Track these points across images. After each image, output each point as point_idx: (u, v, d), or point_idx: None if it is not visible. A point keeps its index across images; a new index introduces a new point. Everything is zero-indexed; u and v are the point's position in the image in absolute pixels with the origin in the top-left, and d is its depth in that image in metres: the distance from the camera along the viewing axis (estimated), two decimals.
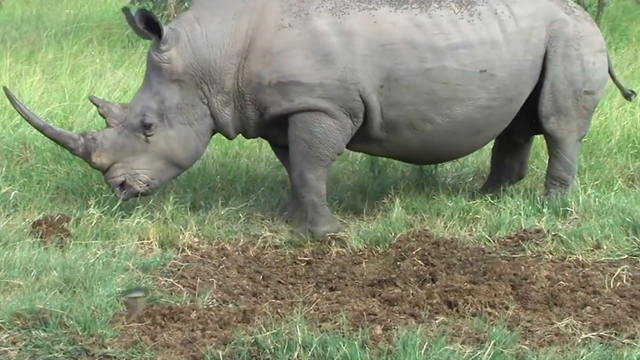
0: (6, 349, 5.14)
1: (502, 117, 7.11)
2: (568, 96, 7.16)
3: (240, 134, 7.12)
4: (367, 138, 6.97)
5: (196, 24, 6.82)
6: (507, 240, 6.74)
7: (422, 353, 4.87)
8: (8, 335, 5.24)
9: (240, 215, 7.12)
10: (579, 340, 5.23)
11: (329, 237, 6.77)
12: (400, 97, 6.81)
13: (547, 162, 7.59)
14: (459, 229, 6.97)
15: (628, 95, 7.67)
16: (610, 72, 7.48)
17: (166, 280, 6.03)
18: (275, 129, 6.94)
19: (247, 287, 6.05)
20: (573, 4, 7.41)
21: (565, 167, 7.33)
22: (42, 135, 8.47)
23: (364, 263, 6.49)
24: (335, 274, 6.26)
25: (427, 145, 7.04)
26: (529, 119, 7.27)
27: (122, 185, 6.88)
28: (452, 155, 7.47)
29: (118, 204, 6.88)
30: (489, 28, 6.93)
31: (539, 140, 8.13)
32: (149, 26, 6.68)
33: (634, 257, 6.44)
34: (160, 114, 6.79)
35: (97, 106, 6.90)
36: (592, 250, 6.52)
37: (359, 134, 6.93)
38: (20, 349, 5.13)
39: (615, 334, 5.31)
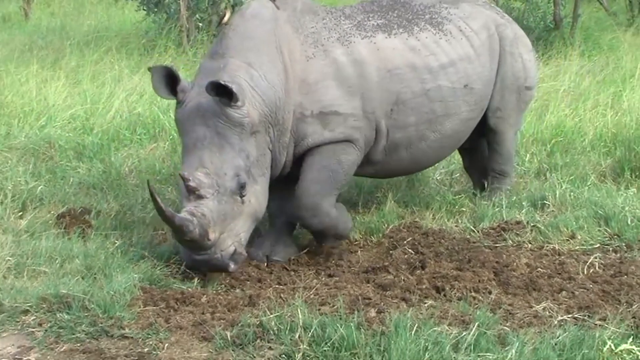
0: (33, 330, 5.14)
1: (474, 125, 7.04)
2: (513, 92, 7.11)
3: None
4: (366, 162, 6.61)
5: (251, 69, 6.03)
6: (490, 230, 6.73)
7: (413, 334, 4.86)
8: (35, 317, 5.24)
9: None
10: (556, 322, 5.22)
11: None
12: (405, 119, 6.57)
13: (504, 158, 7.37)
14: (446, 220, 6.95)
15: None
16: None
17: (179, 268, 6.02)
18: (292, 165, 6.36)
19: (252, 273, 6.03)
20: (500, 10, 7.48)
21: (505, 160, 7.26)
22: (66, 135, 8.52)
23: (359, 252, 6.47)
24: (333, 261, 6.24)
25: (416, 162, 6.85)
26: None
27: (233, 254, 5.86)
28: (430, 165, 7.29)
29: (135, 199, 6.86)
30: (462, 44, 6.82)
31: (521, 139, 8.10)
32: (219, 92, 5.79)
33: (606, 246, 6.44)
34: (247, 170, 5.90)
35: (187, 180, 5.71)
36: (568, 240, 6.51)
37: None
38: (45, 330, 5.13)
39: (589, 316, 5.30)
